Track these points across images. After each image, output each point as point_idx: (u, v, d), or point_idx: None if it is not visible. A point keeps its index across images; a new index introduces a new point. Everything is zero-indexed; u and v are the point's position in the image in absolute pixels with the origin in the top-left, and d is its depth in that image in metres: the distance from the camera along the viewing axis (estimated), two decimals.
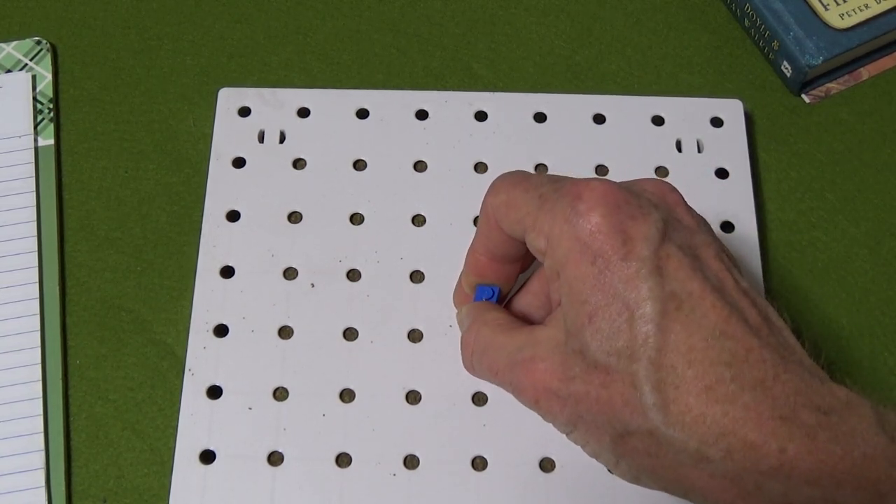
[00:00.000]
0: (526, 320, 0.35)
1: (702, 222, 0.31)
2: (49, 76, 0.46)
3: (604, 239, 0.28)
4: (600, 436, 0.29)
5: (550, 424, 0.31)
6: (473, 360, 0.34)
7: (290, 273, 0.41)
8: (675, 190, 0.31)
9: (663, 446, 0.27)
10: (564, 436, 0.31)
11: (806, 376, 0.27)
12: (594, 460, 0.31)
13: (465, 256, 0.36)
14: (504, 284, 0.36)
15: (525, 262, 0.35)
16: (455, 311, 0.39)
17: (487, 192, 0.33)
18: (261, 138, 0.44)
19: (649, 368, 0.27)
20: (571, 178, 0.31)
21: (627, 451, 0.28)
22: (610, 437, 0.28)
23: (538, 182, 0.31)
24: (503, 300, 0.36)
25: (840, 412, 0.26)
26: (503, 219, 0.32)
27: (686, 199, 0.33)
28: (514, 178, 0.32)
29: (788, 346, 0.28)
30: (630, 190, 0.30)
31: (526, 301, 0.35)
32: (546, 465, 0.37)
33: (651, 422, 0.27)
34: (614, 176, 0.43)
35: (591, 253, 0.28)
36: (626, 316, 0.27)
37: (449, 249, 0.40)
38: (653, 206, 0.29)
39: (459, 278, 0.37)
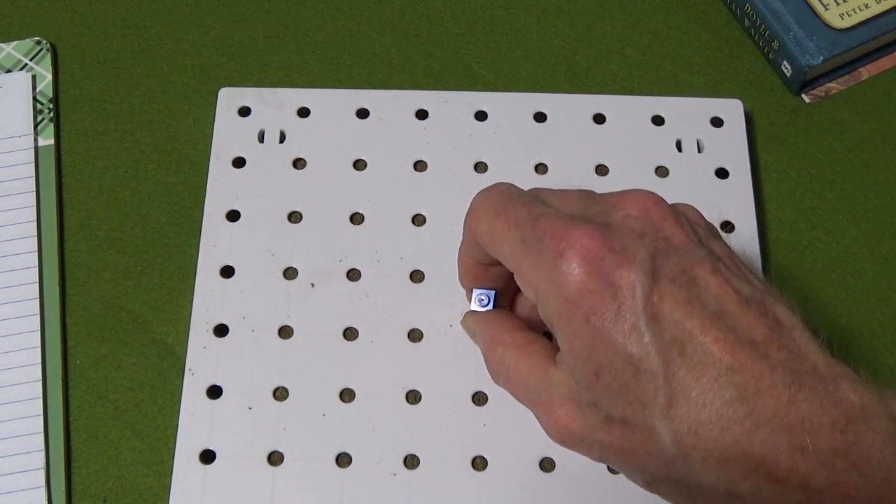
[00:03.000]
0: (529, 321, 0.35)
1: (691, 232, 0.30)
2: (49, 76, 0.46)
3: (593, 297, 0.27)
4: (633, 477, 0.29)
5: None
6: (500, 382, 0.33)
7: (290, 273, 0.41)
8: (659, 202, 0.30)
9: (693, 490, 0.27)
10: None
11: (820, 386, 0.26)
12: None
13: None
14: (499, 285, 0.36)
15: None
16: (454, 309, 0.39)
17: (469, 209, 0.32)
18: (261, 138, 0.44)
19: (663, 421, 0.27)
20: (552, 213, 0.30)
21: (662, 492, 0.29)
22: (643, 480, 0.29)
23: (518, 217, 0.30)
24: (503, 298, 0.36)
25: (856, 425, 0.26)
26: (487, 247, 0.32)
27: (686, 199, 0.33)
28: (494, 205, 0.31)
29: (800, 353, 0.27)
30: (611, 229, 0.28)
31: (530, 305, 0.35)
32: (546, 465, 0.37)
33: (677, 472, 0.27)
34: (614, 176, 0.43)
35: (583, 311, 0.28)
36: (632, 372, 0.27)
37: (449, 249, 0.40)
38: (638, 240, 0.28)
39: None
